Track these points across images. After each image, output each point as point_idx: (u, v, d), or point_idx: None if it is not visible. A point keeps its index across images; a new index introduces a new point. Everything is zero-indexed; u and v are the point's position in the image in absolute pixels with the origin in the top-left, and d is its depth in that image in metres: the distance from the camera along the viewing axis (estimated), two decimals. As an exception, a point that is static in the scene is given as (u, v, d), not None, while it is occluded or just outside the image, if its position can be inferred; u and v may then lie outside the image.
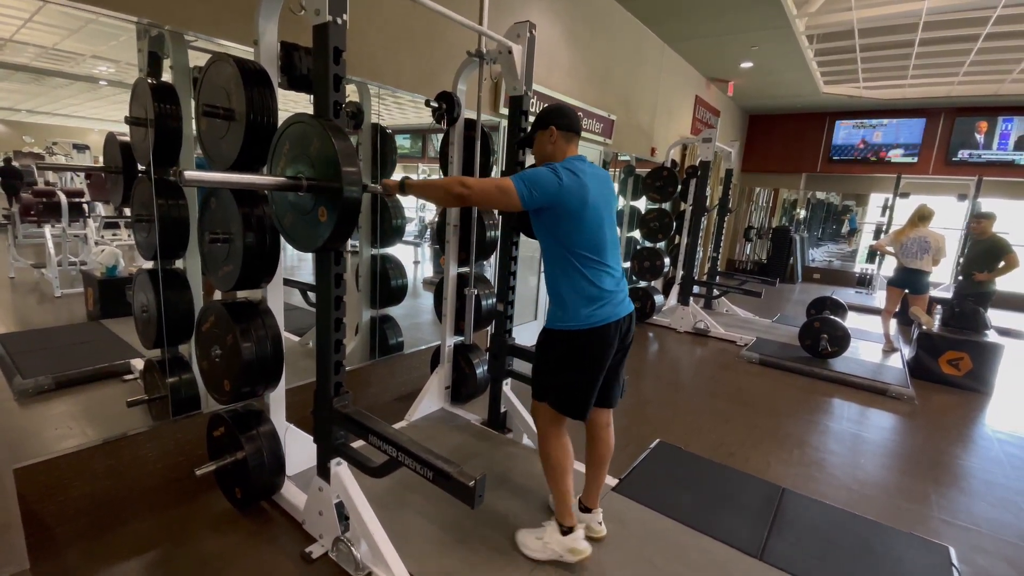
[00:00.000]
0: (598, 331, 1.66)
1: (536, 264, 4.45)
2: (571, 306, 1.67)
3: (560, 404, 1.75)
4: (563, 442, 1.78)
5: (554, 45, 4.09)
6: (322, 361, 1.72)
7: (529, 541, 1.81)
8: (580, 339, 1.67)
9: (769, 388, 3.98)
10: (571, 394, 1.73)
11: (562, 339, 1.71)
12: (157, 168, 2.15)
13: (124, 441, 2.08)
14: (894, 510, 2.46)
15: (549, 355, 1.76)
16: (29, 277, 4.13)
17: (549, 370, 1.76)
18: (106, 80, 2.79)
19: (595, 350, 1.68)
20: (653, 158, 5.98)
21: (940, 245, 4.54)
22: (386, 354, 3.29)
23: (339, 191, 1.35)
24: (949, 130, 8.25)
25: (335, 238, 1.43)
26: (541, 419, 1.82)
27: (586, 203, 1.63)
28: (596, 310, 1.66)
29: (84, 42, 2.54)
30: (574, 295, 1.67)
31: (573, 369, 1.70)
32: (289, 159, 1.48)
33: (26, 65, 2.53)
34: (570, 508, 1.79)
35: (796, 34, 5.25)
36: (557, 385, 1.75)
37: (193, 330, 2.31)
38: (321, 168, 1.39)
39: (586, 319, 1.65)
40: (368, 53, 2.74)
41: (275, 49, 1.80)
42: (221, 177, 1.32)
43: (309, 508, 1.90)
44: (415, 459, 1.48)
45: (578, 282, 1.67)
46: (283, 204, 1.54)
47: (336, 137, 1.35)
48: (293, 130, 1.46)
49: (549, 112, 1.80)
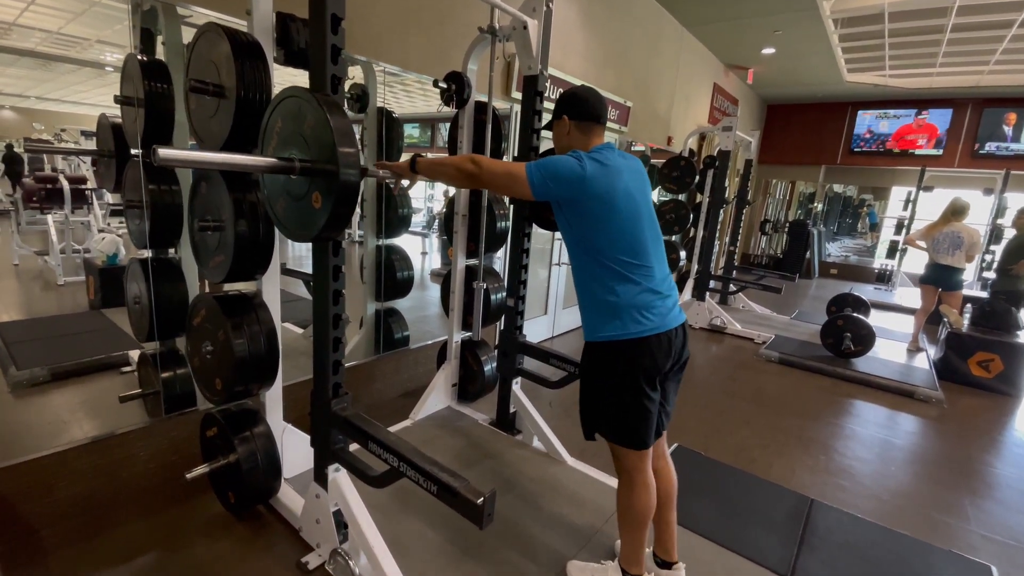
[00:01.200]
0: (646, 342, 1.41)
1: (547, 256, 4.30)
2: (608, 314, 1.43)
3: (615, 432, 1.48)
4: (648, 491, 1.49)
5: (569, 26, 3.90)
6: (319, 360, 1.59)
7: None
8: (628, 350, 1.42)
9: (790, 389, 3.81)
10: (624, 419, 1.45)
11: (606, 352, 1.45)
12: (148, 150, 2.02)
13: (115, 439, 1.97)
14: (929, 523, 2.30)
15: (592, 373, 1.50)
16: (33, 264, 4.05)
17: (596, 391, 1.50)
18: (112, 67, 2.69)
19: (646, 363, 1.42)
20: (669, 148, 5.78)
21: (974, 240, 4.31)
22: (391, 348, 3.17)
23: (335, 174, 1.20)
24: (976, 122, 7.94)
25: (330, 226, 1.29)
26: (620, 461, 1.52)
27: (616, 196, 1.40)
28: (641, 319, 1.41)
29: (89, 26, 2.46)
30: (609, 302, 1.42)
31: (623, 388, 1.44)
32: (281, 138, 1.33)
33: (32, 50, 2.44)
34: (643, 557, 1.54)
35: (823, 18, 5.00)
36: (608, 410, 1.48)
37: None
38: (316, 148, 1.25)
39: (630, 328, 1.40)
40: (374, 32, 2.59)
41: (270, 20, 1.65)
42: (201, 156, 1.19)
43: (306, 515, 1.78)
44: (418, 471, 1.35)
45: (614, 288, 1.42)
46: (275, 188, 1.40)
47: (332, 113, 1.20)
48: (286, 105, 1.31)
49: (562, 99, 1.58)
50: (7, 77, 2.68)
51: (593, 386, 1.51)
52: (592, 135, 1.55)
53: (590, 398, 1.53)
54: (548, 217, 2.27)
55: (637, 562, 1.53)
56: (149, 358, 2.29)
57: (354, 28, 2.39)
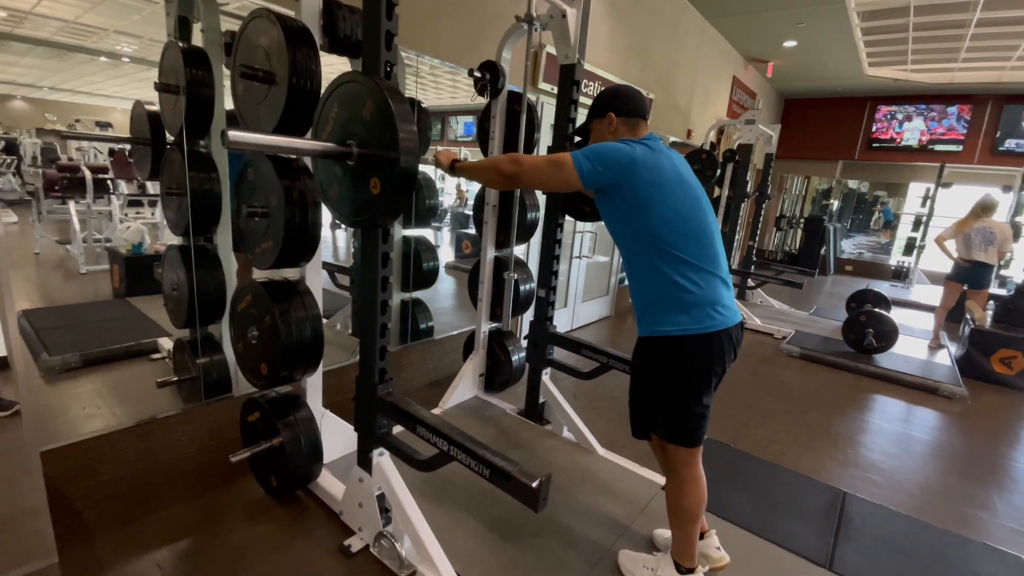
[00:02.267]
0: (716, 337, 1.36)
1: (569, 250, 4.30)
2: (674, 307, 1.36)
3: (673, 431, 1.43)
4: (699, 486, 1.48)
5: (595, 16, 3.86)
6: (367, 346, 1.61)
7: (637, 570, 1.60)
8: (696, 346, 1.36)
9: (814, 384, 3.80)
10: (684, 419, 1.40)
11: (670, 347, 1.39)
12: (189, 138, 2.03)
13: (155, 424, 2.00)
14: (960, 517, 2.29)
15: (651, 370, 1.45)
16: (54, 253, 4.08)
17: (655, 389, 1.45)
18: (128, 57, 2.68)
19: (714, 360, 1.38)
20: (689, 141, 5.74)
21: (1007, 235, 4.28)
22: (417, 339, 3.18)
23: (395, 161, 1.20)
24: (997, 118, 7.83)
25: (387, 212, 1.29)
26: (671, 458, 1.50)
27: (670, 180, 1.36)
28: (714, 313, 1.36)
29: (106, 16, 2.44)
30: (674, 295, 1.36)
31: (687, 387, 1.39)
32: (338, 123, 1.34)
33: (48, 40, 2.42)
34: (695, 551, 1.53)
35: (848, 10, 4.93)
36: (668, 409, 1.43)
37: (226, 309, 2.22)
38: (375, 134, 1.25)
39: (704, 323, 1.35)
40: (405, 20, 2.56)
41: (317, 6, 1.65)
42: (266, 140, 1.19)
43: (348, 499, 1.80)
44: (470, 455, 1.36)
45: (683, 277, 1.35)
46: (329, 173, 1.41)
47: (394, 99, 1.20)
48: (343, 90, 1.31)
49: (605, 97, 1.56)
50: (20, 67, 2.67)
51: (652, 384, 1.45)
52: (639, 131, 1.53)
53: (647, 396, 1.48)
54: (583, 208, 2.27)
55: (690, 556, 1.52)
56: (185, 344, 2.31)
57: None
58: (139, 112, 2.35)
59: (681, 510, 1.48)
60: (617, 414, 2.97)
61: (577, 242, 4.37)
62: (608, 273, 5.10)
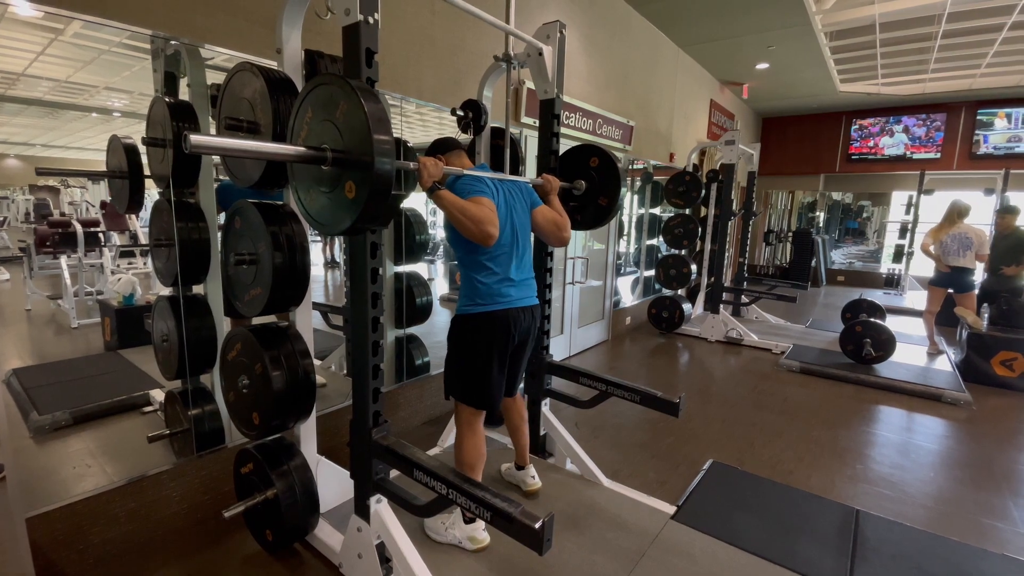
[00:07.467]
0: (491, 316, 1.78)
1: (561, 276, 4.31)
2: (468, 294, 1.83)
3: (458, 389, 1.84)
4: (476, 445, 1.87)
5: (572, 51, 3.99)
6: (359, 388, 1.58)
7: (435, 525, 1.88)
8: (475, 321, 1.78)
9: (816, 398, 3.76)
10: (465, 378, 1.83)
11: (462, 322, 1.83)
12: (176, 189, 2.05)
13: (146, 481, 1.94)
14: (978, 528, 2.24)
15: (450, 339, 1.88)
16: (45, 309, 4.04)
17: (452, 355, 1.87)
18: (119, 112, 2.73)
19: (485, 334, 1.78)
20: (672, 164, 5.85)
21: (983, 239, 4.33)
22: (413, 375, 3.14)
23: (369, 162, 1.16)
24: (972, 124, 8.04)
25: (366, 217, 1.23)
26: (456, 417, 1.91)
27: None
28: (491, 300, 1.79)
29: (96, 74, 2.49)
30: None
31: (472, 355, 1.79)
32: (312, 128, 1.30)
33: (40, 99, 2.47)
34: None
35: (815, 31, 5.12)
36: (457, 368, 1.84)
37: (216, 358, 2.18)
38: (349, 135, 1.21)
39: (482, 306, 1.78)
40: (389, 64, 2.65)
41: (299, 57, 1.69)
42: (232, 144, 1.17)
43: (346, 550, 1.74)
44: (470, 498, 1.32)
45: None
46: (305, 181, 1.36)
47: (366, 99, 1.18)
48: (317, 93, 1.29)
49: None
50: (13, 127, 2.72)
51: (453, 351, 1.88)
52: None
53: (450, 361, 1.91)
54: (575, 217, 2.34)
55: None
56: (177, 396, 2.27)
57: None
58: (116, 144, 2.34)
59: (461, 463, 1.84)
60: (621, 441, 2.92)
61: (569, 268, 4.38)
62: (602, 297, 5.10)
